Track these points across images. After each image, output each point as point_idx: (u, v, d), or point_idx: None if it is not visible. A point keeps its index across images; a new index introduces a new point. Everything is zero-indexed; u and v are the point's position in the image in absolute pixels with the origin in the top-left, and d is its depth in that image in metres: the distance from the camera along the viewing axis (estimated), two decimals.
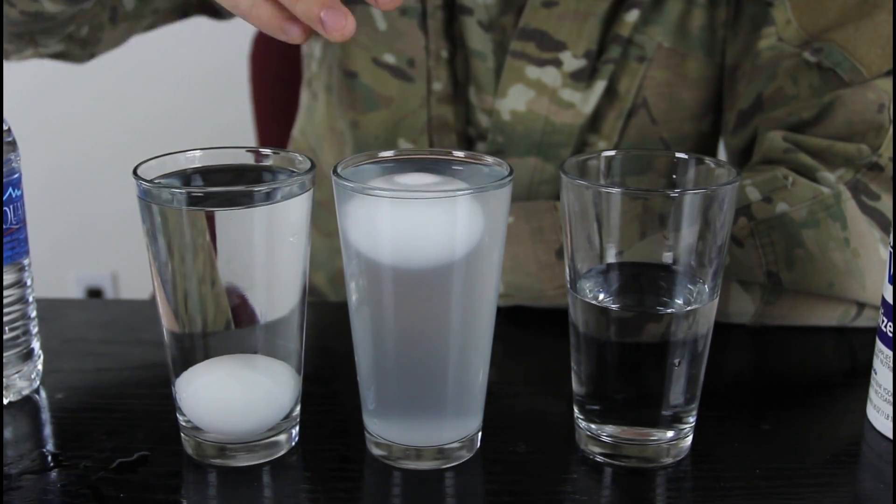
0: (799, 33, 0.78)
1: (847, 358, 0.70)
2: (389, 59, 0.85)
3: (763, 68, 0.79)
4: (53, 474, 0.55)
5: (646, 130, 0.84)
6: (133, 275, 1.87)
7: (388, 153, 0.57)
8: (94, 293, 1.89)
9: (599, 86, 0.83)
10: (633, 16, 0.81)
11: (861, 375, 0.63)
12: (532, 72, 0.82)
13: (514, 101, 0.83)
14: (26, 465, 0.55)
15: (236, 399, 0.54)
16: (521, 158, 0.85)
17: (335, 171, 0.52)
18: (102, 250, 1.85)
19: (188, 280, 0.52)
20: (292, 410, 0.56)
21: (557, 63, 0.82)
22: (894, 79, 0.73)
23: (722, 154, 0.92)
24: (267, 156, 0.57)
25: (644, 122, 0.84)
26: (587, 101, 0.83)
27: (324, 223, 0.93)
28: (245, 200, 0.51)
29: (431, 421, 0.54)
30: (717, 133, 0.90)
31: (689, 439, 0.56)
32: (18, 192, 0.61)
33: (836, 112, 0.73)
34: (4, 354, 0.61)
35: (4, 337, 0.61)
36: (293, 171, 0.55)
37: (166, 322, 0.54)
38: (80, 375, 0.66)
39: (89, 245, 1.85)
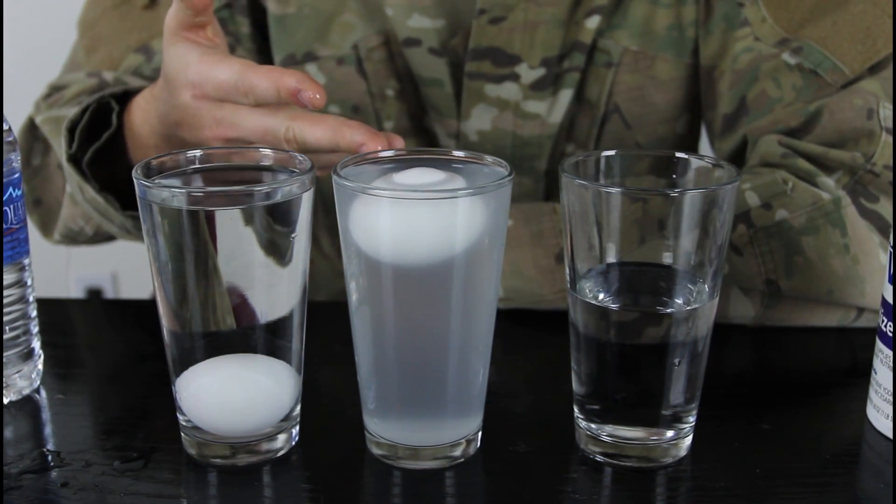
0: (775, 30, 0.77)
1: (847, 358, 0.70)
2: (334, 110, 0.85)
3: (744, 72, 0.78)
4: (54, 474, 0.55)
5: (621, 136, 0.84)
6: (133, 275, 1.87)
7: (389, 153, 0.57)
8: (94, 293, 1.89)
9: (565, 94, 0.82)
10: (594, 22, 0.81)
11: (861, 375, 0.63)
12: (491, 90, 0.82)
13: (479, 121, 0.83)
14: (26, 465, 0.55)
15: (236, 399, 0.54)
16: None
17: (335, 171, 0.53)
18: (102, 250, 1.84)
19: (188, 280, 0.52)
20: (292, 410, 0.56)
21: (515, 77, 0.81)
22: (894, 71, 0.73)
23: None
24: (267, 156, 0.57)
25: (618, 127, 0.84)
26: (553, 110, 0.83)
27: (325, 245, 0.94)
28: (245, 200, 0.51)
29: (432, 420, 0.54)
30: (695, 135, 0.89)
31: (689, 439, 0.56)
32: (19, 192, 0.61)
33: (824, 121, 0.73)
34: (4, 354, 0.61)
35: (4, 337, 0.61)
36: (293, 171, 0.55)
37: (166, 322, 0.54)
38: (80, 375, 0.66)
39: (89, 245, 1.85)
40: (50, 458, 0.56)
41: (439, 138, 0.86)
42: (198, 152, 0.57)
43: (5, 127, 0.59)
